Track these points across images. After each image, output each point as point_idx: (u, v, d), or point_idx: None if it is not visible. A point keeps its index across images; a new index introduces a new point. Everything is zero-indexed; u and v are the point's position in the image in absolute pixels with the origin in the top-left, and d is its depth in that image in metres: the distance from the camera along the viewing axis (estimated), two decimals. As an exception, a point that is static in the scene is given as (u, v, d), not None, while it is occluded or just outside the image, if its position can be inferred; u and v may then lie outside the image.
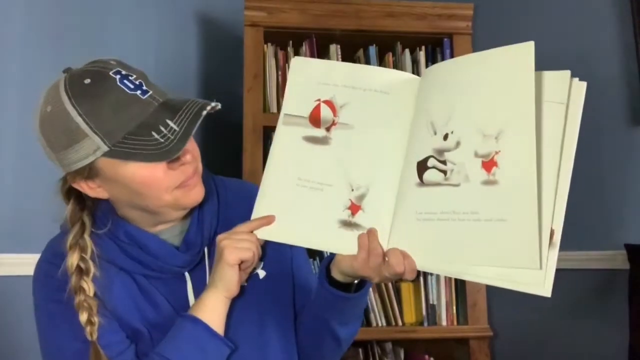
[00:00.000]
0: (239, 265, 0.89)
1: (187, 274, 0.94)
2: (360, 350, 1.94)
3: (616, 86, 2.17)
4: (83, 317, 0.86)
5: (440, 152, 0.78)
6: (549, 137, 0.72)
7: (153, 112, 0.83)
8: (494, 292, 1.99)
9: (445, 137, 0.78)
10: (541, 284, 0.71)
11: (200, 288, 0.93)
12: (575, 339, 2.11)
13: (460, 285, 1.93)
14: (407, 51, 2.01)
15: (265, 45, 1.94)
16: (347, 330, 0.98)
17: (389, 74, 0.87)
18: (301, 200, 0.86)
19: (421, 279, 1.93)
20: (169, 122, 0.83)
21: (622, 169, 2.14)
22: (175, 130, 0.82)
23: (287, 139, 0.88)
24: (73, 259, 0.88)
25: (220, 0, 2.20)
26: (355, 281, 0.90)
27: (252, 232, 0.89)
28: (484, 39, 2.15)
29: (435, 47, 2.03)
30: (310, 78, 0.89)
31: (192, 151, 0.88)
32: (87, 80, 0.83)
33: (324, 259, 0.92)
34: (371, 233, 0.81)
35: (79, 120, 0.82)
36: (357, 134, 0.85)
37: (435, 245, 0.77)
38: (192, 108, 0.84)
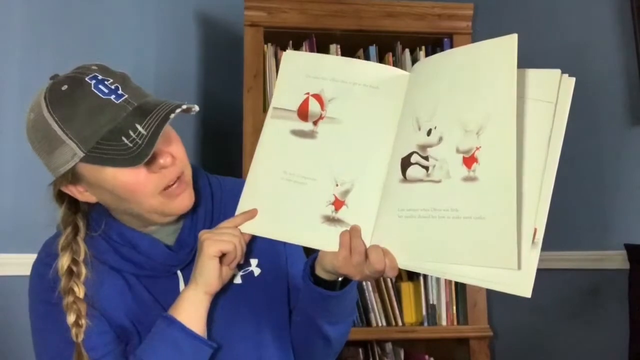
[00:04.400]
0: (222, 259, 0.87)
1: (179, 272, 0.94)
2: (360, 350, 1.94)
3: (616, 86, 2.17)
4: (71, 318, 0.87)
5: (424, 147, 0.76)
6: (534, 136, 0.71)
7: (125, 116, 0.83)
8: (494, 293, 1.98)
9: (429, 132, 0.76)
10: (521, 285, 0.68)
11: None
12: (574, 339, 2.11)
13: (460, 286, 1.93)
14: (407, 51, 2.01)
15: (265, 45, 1.94)
16: (337, 329, 0.95)
17: (379, 69, 0.86)
18: (286, 194, 0.85)
19: (421, 278, 1.93)
20: (137, 126, 0.82)
21: (622, 169, 2.14)
22: (143, 134, 0.81)
23: (274, 132, 0.87)
24: (64, 261, 0.89)
25: (220, 0, 2.20)
26: (340, 279, 0.88)
27: (236, 227, 0.88)
28: (484, 39, 2.15)
29: (435, 47, 2.03)
30: (300, 71, 0.88)
31: (174, 154, 0.87)
32: (64, 87, 0.84)
33: (310, 257, 0.90)
34: (354, 230, 0.80)
35: (55, 127, 0.83)
36: (344, 128, 0.84)
37: (416, 243, 0.75)
38: (162, 110, 0.83)
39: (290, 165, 0.85)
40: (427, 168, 0.75)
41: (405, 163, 0.78)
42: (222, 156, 2.00)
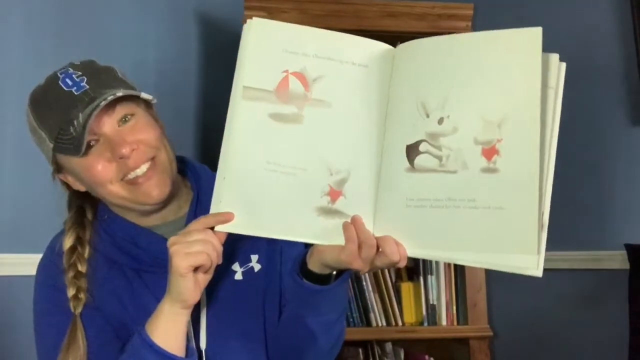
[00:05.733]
0: (196, 269, 0.80)
1: None
2: (360, 350, 1.94)
3: (616, 86, 2.17)
4: (70, 291, 0.88)
5: (435, 136, 0.73)
6: (546, 125, 0.71)
7: (79, 107, 0.84)
8: (494, 292, 1.99)
9: (441, 121, 0.73)
10: (534, 266, 0.69)
11: None
12: (575, 339, 2.11)
13: (460, 285, 1.93)
14: (407, 51, 2.01)
15: (265, 45, 1.94)
16: (329, 326, 0.91)
17: (364, 43, 0.79)
18: (271, 186, 0.76)
19: (421, 278, 1.93)
20: (80, 115, 0.83)
21: (622, 169, 2.14)
22: (80, 124, 0.83)
23: (250, 117, 0.77)
24: (68, 239, 0.92)
25: (220, 0, 2.20)
26: (334, 272, 0.84)
27: (207, 228, 0.78)
28: (484, 39, 2.15)
29: (435, 47, 2.03)
30: (275, 44, 0.77)
31: (141, 141, 0.87)
32: (41, 84, 0.90)
33: (298, 254, 0.86)
34: (357, 222, 0.75)
35: (32, 120, 0.89)
36: (334, 112, 0.77)
37: (428, 232, 0.74)
38: (101, 100, 0.84)
39: (273, 155, 0.76)
40: (440, 158, 0.73)
41: (413, 151, 0.74)
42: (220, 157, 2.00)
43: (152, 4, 2.08)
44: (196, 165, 1.00)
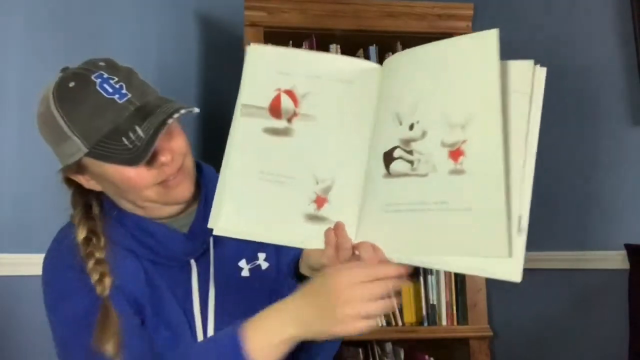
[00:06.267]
0: None
1: (193, 261, 0.96)
2: (360, 350, 1.94)
3: (616, 86, 2.17)
4: (94, 277, 0.87)
5: (407, 142, 0.76)
6: (515, 127, 0.72)
7: (127, 117, 0.86)
8: (494, 293, 1.99)
9: (411, 126, 0.76)
10: (511, 271, 0.69)
11: (204, 277, 0.95)
12: (575, 339, 2.11)
13: (460, 286, 1.93)
14: (407, 51, 2.01)
15: (265, 45, 1.94)
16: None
17: (350, 62, 0.84)
18: (264, 194, 0.82)
19: (421, 278, 1.93)
20: (137, 128, 0.84)
21: (622, 169, 2.14)
22: (141, 137, 0.84)
23: (246, 131, 0.84)
24: (80, 232, 0.91)
25: (220, 0, 2.20)
26: None
27: (387, 279, 0.74)
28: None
29: (435, 47, 2.03)
30: (269, 66, 0.84)
31: (174, 150, 0.89)
32: (72, 84, 0.87)
33: (293, 258, 0.90)
34: (338, 227, 0.78)
35: (61, 122, 0.86)
36: (320, 125, 0.82)
37: (405, 237, 0.75)
38: (161, 114, 0.85)
39: (266, 165, 0.82)
40: (411, 162, 0.75)
41: (389, 158, 0.77)
42: (221, 156, 2.00)
43: (152, 4, 2.08)
44: (202, 165, 1.02)
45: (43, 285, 0.93)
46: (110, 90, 0.86)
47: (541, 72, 0.73)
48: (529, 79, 0.72)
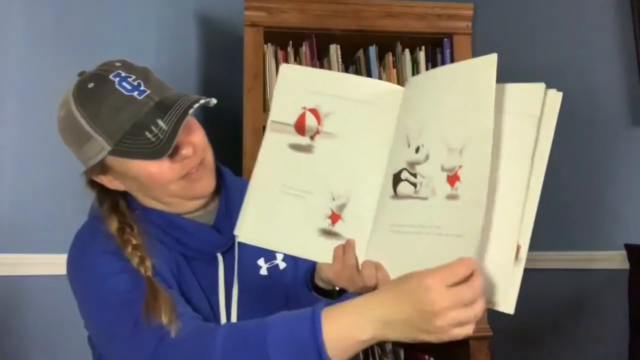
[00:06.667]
0: None
1: (219, 255, 0.98)
2: (360, 350, 1.94)
3: (616, 86, 2.17)
4: (134, 260, 0.88)
5: (412, 164, 0.77)
6: (516, 151, 0.70)
7: (147, 112, 0.87)
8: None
9: (417, 149, 0.77)
10: (504, 301, 0.70)
11: (229, 272, 0.97)
12: (575, 339, 2.11)
13: (460, 285, 1.93)
14: (407, 51, 2.01)
15: (265, 45, 1.94)
16: None
17: (375, 85, 0.87)
18: (284, 206, 0.86)
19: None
20: (159, 121, 0.86)
21: (622, 169, 2.14)
22: (164, 129, 0.85)
23: (273, 146, 0.88)
24: (112, 223, 0.92)
25: (220, 0, 2.20)
26: (337, 288, 0.90)
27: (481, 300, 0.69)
28: (484, 39, 2.15)
29: (435, 47, 2.03)
30: (298, 85, 0.88)
31: (195, 144, 0.91)
32: (91, 85, 0.89)
33: (309, 267, 0.94)
34: (348, 245, 0.81)
35: (83, 122, 0.88)
36: (340, 143, 0.85)
37: (406, 259, 0.76)
38: (181, 106, 0.87)
39: (288, 179, 0.86)
40: (415, 185, 0.76)
41: (396, 179, 0.79)
42: (221, 156, 2.00)
43: (152, 4, 2.08)
44: (219, 165, 1.04)
45: (77, 275, 0.92)
46: (129, 87, 0.88)
47: (555, 96, 0.72)
48: (539, 102, 0.71)
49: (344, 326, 0.71)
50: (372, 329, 0.70)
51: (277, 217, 0.86)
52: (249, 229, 0.87)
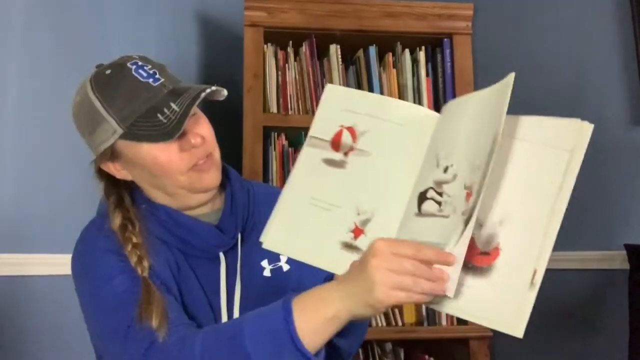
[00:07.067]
0: None
1: (222, 254, 0.98)
2: (360, 350, 1.94)
3: (616, 86, 2.17)
4: (133, 259, 0.90)
5: (439, 184, 0.79)
6: (544, 181, 0.73)
7: (161, 97, 0.91)
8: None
9: (446, 169, 0.79)
10: (514, 324, 0.72)
11: (232, 272, 0.98)
12: (575, 339, 2.11)
13: (460, 285, 1.93)
14: (407, 51, 2.01)
15: (265, 45, 1.94)
16: (348, 341, 0.95)
17: (412, 108, 0.89)
18: (310, 218, 0.88)
19: (421, 279, 1.93)
20: (172, 104, 0.90)
21: (622, 169, 2.14)
22: (176, 111, 0.89)
23: (308, 160, 0.91)
24: (116, 218, 0.94)
25: (220, 0, 2.20)
26: None
27: (422, 261, 0.73)
28: (484, 39, 2.15)
29: (435, 47, 2.03)
30: (338, 104, 0.92)
31: (204, 135, 0.94)
32: (108, 71, 0.93)
33: (328, 275, 0.93)
34: None
35: (98, 105, 0.91)
36: (372, 161, 0.87)
37: None
38: (193, 91, 0.91)
39: (318, 192, 0.88)
40: (440, 203, 0.78)
41: (422, 197, 0.81)
42: (221, 156, 2.00)
43: (152, 4, 2.08)
44: (225, 165, 1.05)
45: (79, 273, 0.95)
46: (145, 74, 0.92)
47: (587, 128, 0.75)
48: (573, 136, 0.75)
49: (311, 307, 0.77)
50: (334, 305, 0.76)
51: (303, 228, 0.88)
52: (274, 236, 0.88)
